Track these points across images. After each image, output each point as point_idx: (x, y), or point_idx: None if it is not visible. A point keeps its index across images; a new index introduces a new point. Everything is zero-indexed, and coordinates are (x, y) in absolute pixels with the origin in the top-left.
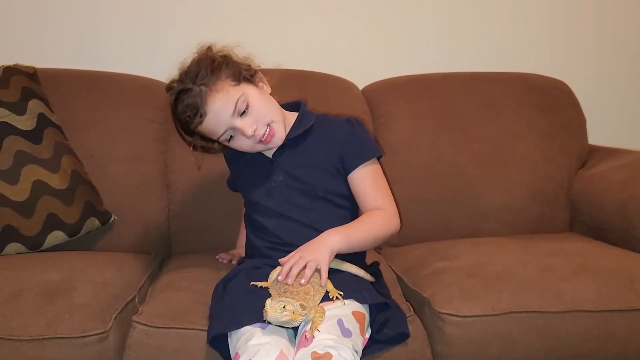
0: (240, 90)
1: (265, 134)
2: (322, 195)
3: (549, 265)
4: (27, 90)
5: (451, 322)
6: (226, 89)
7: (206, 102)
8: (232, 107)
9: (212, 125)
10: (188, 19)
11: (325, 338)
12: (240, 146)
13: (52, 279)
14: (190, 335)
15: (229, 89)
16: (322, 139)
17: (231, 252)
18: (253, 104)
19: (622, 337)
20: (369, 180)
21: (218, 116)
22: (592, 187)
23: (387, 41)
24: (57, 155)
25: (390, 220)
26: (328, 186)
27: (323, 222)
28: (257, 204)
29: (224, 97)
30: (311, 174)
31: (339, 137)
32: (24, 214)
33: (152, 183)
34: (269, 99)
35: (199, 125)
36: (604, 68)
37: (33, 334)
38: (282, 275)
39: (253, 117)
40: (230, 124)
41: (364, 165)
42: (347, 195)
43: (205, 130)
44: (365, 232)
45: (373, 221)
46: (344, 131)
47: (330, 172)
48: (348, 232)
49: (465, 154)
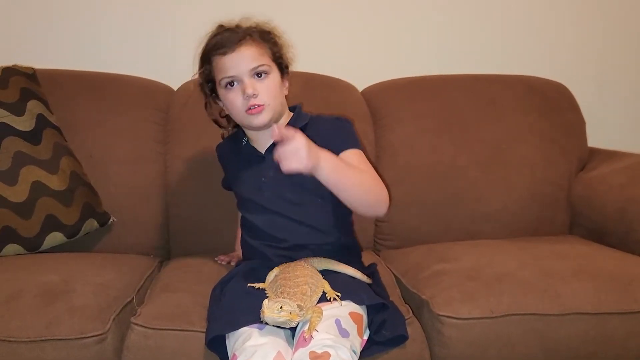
0: (270, 64)
1: (256, 106)
2: (312, 187)
3: (548, 268)
4: (26, 90)
5: (450, 325)
6: (262, 51)
7: (241, 43)
8: (255, 65)
9: (230, 64)
10: (188, 21)
11: (323, 338)
12: (231, 101)
13: (50, 280)
14: (188, 337)
15: (264, 54)
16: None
17: (230, 254)
18: (269, 80)
19: (620, 340)
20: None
21: (240, 61)
22: (592, 190)
23: (388, 43)
24: (56, 156)
25: (381, 186)
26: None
27: (313, 218)
28: (248, 200)
29: (256, 53)
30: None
31: (326, 131)
32: (22, 215)
33: (151, 184)
34: (281, 92)
35: (220, 55)
36: (604, 71)
37: (32, 336)
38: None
39: (261, 86)
40: (242, 75)
41: (348, 150)
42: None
43: (220, 65)
44: (356, 175)
45: (367, 173)
46: (331, 126)
47: None
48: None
49: (465, 156)
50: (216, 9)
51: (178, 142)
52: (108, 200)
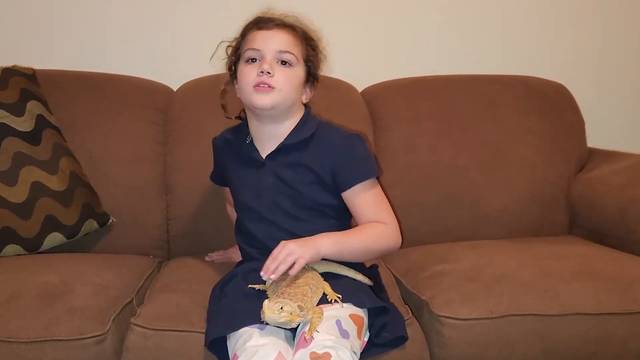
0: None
1: (265, 85)
2: (311, 204)
3: (548, 269)
4: (25, 91)
5: (450, 325)
6: (296, 44)
7: (280, 27)
8: (284, 49)
9: (260, 38)
10: (188, 21)
11: (324, 338)
12: (245, 73)
13: (50, 281)
14: (188, 338)
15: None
16: (318, 150)
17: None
18: (291, 70)
19: (620, 340)
20: (366, 198)
21: (271, 40)
22: (591, 191)
23: (387, 43)
24: (55, 157)
25: (389, 234)
26: (318, 198)
27: (310, 232)
28: (246, 205)
29: (290, 40)
30: (302, 183)
31: (336, 152)
32: (22, 216)
33: (151, 185)
34: (298, 90)
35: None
36: (604, 71)
37: (31, 336)
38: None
39: (278, 72)
40: (267, 53)
41: (361, 184)
42: (337, 208)
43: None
44: (359, 242)
45: (369, 233)
46: (343, 147)
47: (322, 185)
48: (341, 239)
49: (464, 157)
50: (216, 10)
51: (178, 143)
52: (108, 201)
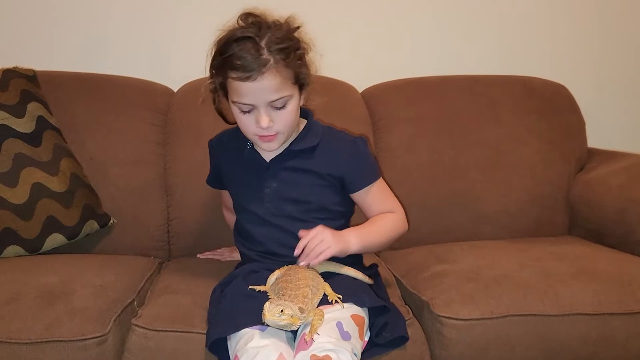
0: (291, 92)
1: (268, 136)
2: (316, 208)
3: (548, 269)
4: (26, 92)
5: (450, 326)
6: (285, 81)
7: (264, 73)
8: (275, 98)
9: (246, 91)
10: (188, 23)
11: (324, 341)
12: (244, 124)
13: (51, 282)
14: (189, 339)
15: (287, 82)
16: (325, 156)
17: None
18: (288, 110)
19: (620, 341)
20: (374, 197)
21: (259, 92)
22: (591, 191)
23: (387, 44)
24: (56, 158)
25: (400, 221)
26: (325, 201)
27: None
28: (247, 209)
29: (277, 85)
30: (307, 186)
31: (344, 157)
32: (23, 217)
33: (151, 186)
34: (297, 112)
35: (237, 81)
36: (604, 71)
37: (32, 338)
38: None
39: (277, 117)
40: (259, 105)
41: (369, 187)
42: (342, 210)
43: (235, 87)
44: (380, 235)
45: (386, 223)
46: (351, 152)
47: (330, 189)
48: (364, 234)
49: (464, 158)
50: (216, 11)
51: (178, 144)
52: (108, 202)
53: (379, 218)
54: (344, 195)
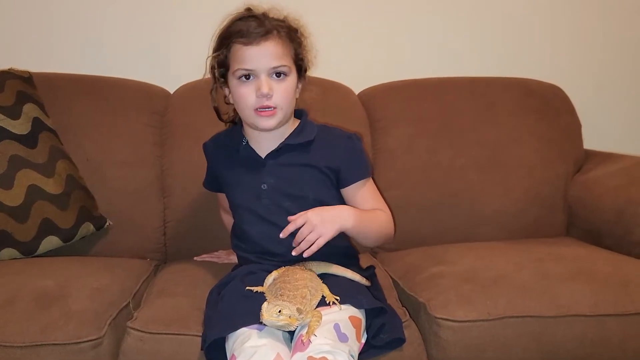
0: (291, 65)
1: (268, 108)
2: (313, 202)
3: (545, 270)
4: (22, 94)
5: (447, 327)
6: (286, 51)
7: (267, 38)
8: (277, 64)
9: (250, 56)
10: (185, 24)
11: (321, 343)
12: (242, 95)
13: (46, 284)
14: (185, 341)
15: (287, 53)
16: (322, 150)
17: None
18: (286, 84)
19: (617, 342)
20: (364, 194)
21: (262, 56)
22: (588, 192)
23: (384, 45)
24: (52, 160)
25: (390, 222)
26: (320, 195)
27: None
28: (244, 207)
29: (280, 51)
30: (304, 181)
31: (338, 150)
32: (18, 219)
33: (148, 188)
34: (294, 93)
35: (241, 44)
36: (600, 73)
37: (27, 341)
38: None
39: (277, 87)
40: (260, 70)
41: (361, 182)
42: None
43: (238, 53)
44: (373, 222)
45: (379, 216)
46: (346, 147)
47: (324, 182)
48: (360, 214)
49: (462, 159)
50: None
51: (175, 145)
52: (104, 204)
53: (372, 210)
54: (338, 191)
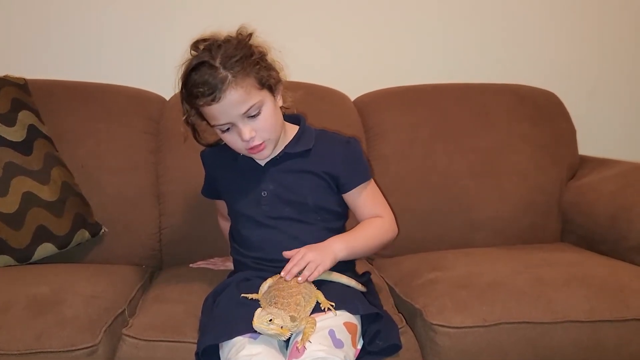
0: (260, 96)
1: (256, 147)
2: (313, 208)
3: (540, 276)
4: (17, 101)
5: (443, 333)
6: (249, 89)
7: (225, 90)
8: (245, 108)
9: (218, 112)
10: (180, 30)
11: (316, 349)
12: (230, 142)
13: (41, 291)
14: (180, 348)
15: (251, 89)
16: (321, 156)
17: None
18: (264, 115)
19: (613, 348)
20: (366, 198)
21: (228, 109)
22: (583, 198)
23: (379, 52)
24: (47, 167)
25: (388, 227)
26: (320, 201)
27: (310, 236)
28: (243, 213)
29: (243, 95)
30: (304, 187)
31: (337, 156)
32: (13, 226)
33: (143, 194)
34: (277, 115)
35: (206, 106)
36: (594, 79)
37: (21, 348)
38: (284, 272)
39: (257, 125)
40: (235, 120)
41: (361, 185)
42: (338, 211)
43: (207, 112)
44: (367, 239)
45: (373, 229)
46: (345, 152)
47: (324, 188)
48: (350, 239)
49: (457, 165)
50: (208, 18)
51: (170, 152)
52: (99, 211)
53: (367, 223)
54: (339, 196)
